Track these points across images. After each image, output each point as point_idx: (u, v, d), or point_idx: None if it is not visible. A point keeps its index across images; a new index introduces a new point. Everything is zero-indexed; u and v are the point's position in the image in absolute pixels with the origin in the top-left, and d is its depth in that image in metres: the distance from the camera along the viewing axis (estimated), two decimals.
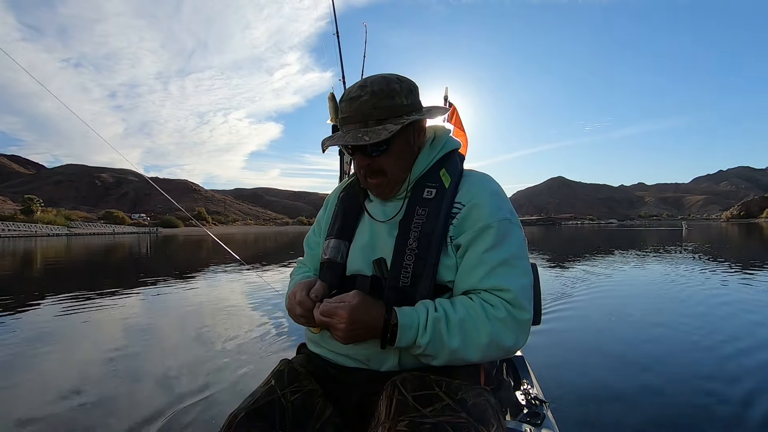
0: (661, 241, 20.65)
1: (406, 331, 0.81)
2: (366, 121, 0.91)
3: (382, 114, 0.91)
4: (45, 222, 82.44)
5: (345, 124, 0.94)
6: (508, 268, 0.86)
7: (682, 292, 6.02)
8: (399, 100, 0.92)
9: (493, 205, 0.91)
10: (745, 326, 4.08)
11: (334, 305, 0.80)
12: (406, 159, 0.97)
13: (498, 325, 0.82)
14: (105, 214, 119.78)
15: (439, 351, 0.82)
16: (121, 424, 2.21)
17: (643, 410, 2.29)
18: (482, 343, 0.82)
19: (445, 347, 0.81)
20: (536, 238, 29.74)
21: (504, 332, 0.82)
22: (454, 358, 0.82)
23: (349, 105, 0.93)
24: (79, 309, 5.52)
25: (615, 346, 3.52)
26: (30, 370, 3.16)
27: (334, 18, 3.20)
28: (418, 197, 0.94)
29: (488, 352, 0.83)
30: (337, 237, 1.01)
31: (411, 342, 0.81)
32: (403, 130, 0.92)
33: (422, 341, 0.81)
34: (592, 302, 5.41)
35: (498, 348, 0.83)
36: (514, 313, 0.83)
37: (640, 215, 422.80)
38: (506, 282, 0.85)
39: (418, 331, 0.81)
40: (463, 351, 0.82)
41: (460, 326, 0.82)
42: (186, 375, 2.93)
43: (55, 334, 4.26)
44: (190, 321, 4.83)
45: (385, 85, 0.92)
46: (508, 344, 0.83)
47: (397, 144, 0.94)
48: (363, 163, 0.94)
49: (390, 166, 0.94)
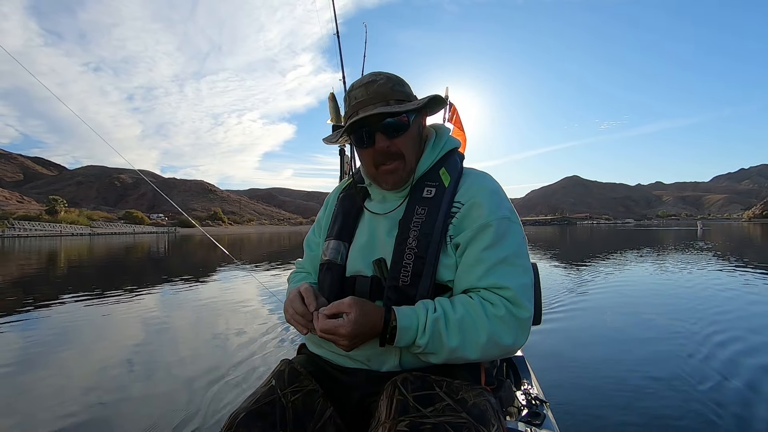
0: (676, 241, 20.37)
1: (406, 332, 0.81)
2: (387, 101, 0.92)
3: (401, 96, 0.94)
4: (68, 222, 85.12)
5: (362, 107, 0.93)
6: (507, 267, 0.86)
7: (686, 293, 5.91)
8: (409, 90, 0.98)
9: (493, 204, 0.91)
10: (747, 326, 4.01)
11: (334, 324, 0.79)
12: (417, 147, 0.99)
13: (497, 323, 0.82)
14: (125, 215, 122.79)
15: (438, 350, 0.82)
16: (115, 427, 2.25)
17: (644, 410, 2.28)
18: (481, 342, 0.81)
19: (444, 346, 0.81)
20: (547, 237, 29.54)
21: (503, 331, 0.82)
22: (453, 356, 0.82)
23: (366, 89, 0.93)
24: (101, 304, 5.71)
25: (616, 346, 3.51)
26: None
27: (335, 18, 3.23)
28: (417, 196, 0.95)
29: (487, 351, 0.82)
30: (337, 238, 1.01)
31: (410, 342, 0.82)
32: (417, 117, 0.97)
33: (421, 341, 0.81)
34: (593, 302, 5.37)
35: (497, 346, 0.83)
36: (514, 312, 0.83)
37: (657, 215, 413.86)
38: (506, 280, 0.84)
39: (417, 332, 0.81)
40: (462, 350, 0.82)
41: (459, 325, 0.82)
42: (186, 375, 2.95)
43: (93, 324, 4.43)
44: (191, 321, 4.88)
45: (395, 76, 0.97)
46: (508, 343, 0.83)
47: (414, 128, 0.96)
48: (383, 145, 0.93)
49: (408, 149, 0.95)
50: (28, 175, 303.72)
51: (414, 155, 0.97)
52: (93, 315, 5.25)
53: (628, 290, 6.40)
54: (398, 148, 0.94)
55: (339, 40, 3.25)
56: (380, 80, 0.93)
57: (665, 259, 10.91)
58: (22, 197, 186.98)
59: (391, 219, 0.96)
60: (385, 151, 0.94)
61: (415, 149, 0.97)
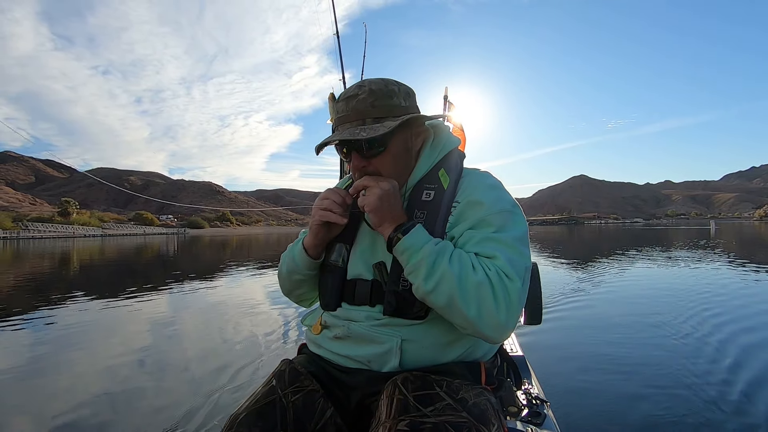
0: (687, 240, 20.20)
1: (417, 235, 0.81)
2: (363, 119, 0.89)
3: (381, 113, 0.89)
4: (80, 223, 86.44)
5: (341, 124, 0.91)
6: (504, 246, 0.82)
7: (689, 293, 5.85)
8: (397, 100, 0.92)
9: (492, 198, 0.89)
10: (750, 326, 4.03)
11: (379, 177, 0.89)
12: (403, 163, 0.95)
13: (486, 282, 0.77)
14: (135, 216, 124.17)
15: (437, 271, 0.78)
16: (112, 425, 2.29)
17: (645, 411, 2.28)
18: (475, 281, 0.77)
19: (445, 269, 0.78)
20: (555, 237, 29.47)
21: (491, 293, 0.76)
22: (446, 288, 0.77)
23: (346, 104, 0.91)
24: (115, 306, 5.83)
25: (618, 346, 3.49)
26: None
27: (334, 20, 3.21)
28: (416, 200, 0.93)
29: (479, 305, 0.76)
30: (338, 240, 1.00)
31: (418, 248, 0.80)
32: (401, 131, 0.92)
33: (427, 250, 0.79)
34: (594, 302, 5.35)
35: (483, 305, 0.76)
36: (505, 281, 0.77)
37: (667, 214, 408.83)
38: (498, 252, 0.81)
39: (427, 244, 0.81)
40: (458, 282, 0.77)
41: (459, 259, 0.80)
42: (186, 376, 2.97)
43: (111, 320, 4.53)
44: (192, 321, 4.93)
45: (383, 85, 0.91)
46: (492, 308, 0.76)
47: (394, 146, 0.92)
48: (359, 165, 0.92)
49: (386, 169, 0.92)
50: (40, 178, 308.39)
51: (398, 172, 0.94)
52: (121, 310, 5.41)
53: (632, 290, 6.37)
54: (375, 168, 0.92)
55: (339, 41, 3.24)
56: (361, 95, 0.89)
57: (677, 259, 10.82)
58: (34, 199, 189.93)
59: None
60: (361, 170, 0.93)
61: (397, 166, 0.94)
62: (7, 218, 69.62)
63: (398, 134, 0.92)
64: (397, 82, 0.95)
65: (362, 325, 0.90)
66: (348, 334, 0.92)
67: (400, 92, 0.93)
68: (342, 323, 0.93)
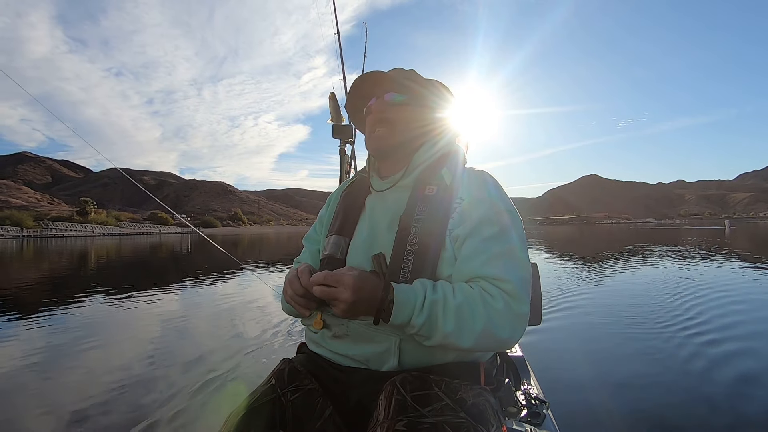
0: (702, 240, 19.78)
1: (403, 308, 0.79)
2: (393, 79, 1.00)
3: (408, 79, 1.01)
4: (98, 222, 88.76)
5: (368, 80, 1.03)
6: (507, 260, 0.85)
7: (691, 293, 5.78)
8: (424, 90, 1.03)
9: (494, 198, 0.92)
10: (752, 326, 3.98)
11: (338, 273, 0.80)
12: (413, 128, 1.01)
13: (494, 315, 0.80)
14: (150, 215, 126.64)
15: (432, 333, 0.80)
16: (111, 423, 2.33)
17: (645, 411, 2.28)
18: (477, 331, 0.79)
19: (438, 330, 0.80)
20: (566, 236, 29.14)
21: (500, 323, 0.80)
22: (446, 341, 0.80)
23: (374, 73, 1.02)
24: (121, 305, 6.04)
25: (618, 346, 3.48)
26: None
27: (335, 19, 3.22)
28: (419, 194, 0.95)
29: (482, 341, 0.80)
30: (338, 233, 1.02)
31: (406, 320, 0.80)
32: (422, 98, 1.02)
33: (417, 321, 0.79)
34: (594, 302, 5.32)
35: (492, 338, 0.80)
36: (512, 305, 0.81)
37: (679, 214, 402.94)
38: (506, 273, 0.83)
39: (414, 310, 0.80)
40: (457, 336, 0.79)
41: (456, 311, 0.80)
42: (186, 375, 3.00)
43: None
44: (192, 321, 4.98)
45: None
46: (503, 336, 0.81)
47: (414, 105, 1.01)
48: (379, 108, 1.00)
49: (401, 120, 0.99)
50: (56, 178, 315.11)
51: (408, 131, 1.01)
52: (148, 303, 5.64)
53: (633, 290, 6.33)
54: (393, 116, 1.00)
55: (339, 41, 3.28)
56: (388, 71, 1.02)
57: (690, 259, 10.61)
58: (52, 199, 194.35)
59: (392, 214, 0.97)
60: (379, 114, 1.01)
61: (410, 128, 1.01)
62: (28, 217, 71.84)
63: (418, 101, 1.02)
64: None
65: (362, 323, 0.91)
66: (347, 333, 0.92)
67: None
68: (341, 321, 0.93)
